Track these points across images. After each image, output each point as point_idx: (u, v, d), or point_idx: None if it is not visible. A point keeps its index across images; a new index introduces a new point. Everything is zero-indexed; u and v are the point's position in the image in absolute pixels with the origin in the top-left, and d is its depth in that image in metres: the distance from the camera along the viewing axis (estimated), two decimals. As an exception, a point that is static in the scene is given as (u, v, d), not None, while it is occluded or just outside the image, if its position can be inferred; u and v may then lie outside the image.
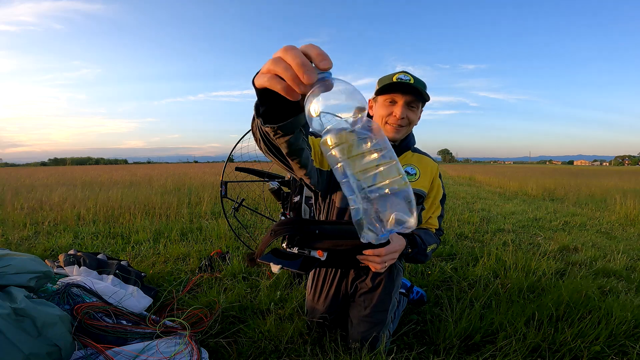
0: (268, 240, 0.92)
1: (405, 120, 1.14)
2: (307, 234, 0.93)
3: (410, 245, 1.07)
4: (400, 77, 1.11)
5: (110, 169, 21.22)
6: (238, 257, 2.20)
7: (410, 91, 1.10)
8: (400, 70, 1.14)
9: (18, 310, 0.91)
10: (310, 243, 0.92)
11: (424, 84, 1.14)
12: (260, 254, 0.93)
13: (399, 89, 1.11)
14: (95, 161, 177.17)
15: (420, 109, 1.18)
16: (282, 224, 0.94)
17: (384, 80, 1.14)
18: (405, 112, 1.12)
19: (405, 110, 1.12)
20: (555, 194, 6.86)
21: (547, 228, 3.60)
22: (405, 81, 1.09)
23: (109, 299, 1.33)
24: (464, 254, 2.44)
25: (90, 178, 9.80)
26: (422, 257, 1.13)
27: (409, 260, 1.14)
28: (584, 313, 1.50)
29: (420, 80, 1.12)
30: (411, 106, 1.13)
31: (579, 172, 19.23)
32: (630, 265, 2.34)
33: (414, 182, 1.20)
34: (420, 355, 1.23)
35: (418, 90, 1.09)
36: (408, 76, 1.11)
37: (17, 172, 17.67)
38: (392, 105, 1.13)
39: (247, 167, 2.22)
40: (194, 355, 1.04)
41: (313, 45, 0.41)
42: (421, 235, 1.13)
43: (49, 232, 3.05)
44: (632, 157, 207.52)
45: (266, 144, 0.68)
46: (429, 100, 1.17)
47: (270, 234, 0.93)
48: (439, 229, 1.28)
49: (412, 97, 1.11)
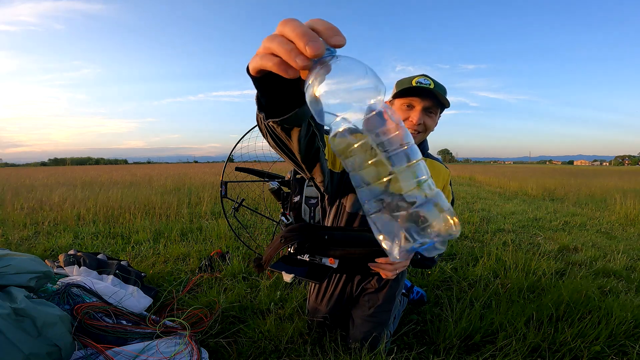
0: (278, 247, 0.90)
1: (422, 127, 1.08)
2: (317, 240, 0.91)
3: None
4: (420, 80, 1.05)
5: (110, 169, 21.23)
6: (238, 257, 2.20)
7: (429, 96, 1.05)
8: (421, 74, 1.09)
9: (18, 310, 0.91)
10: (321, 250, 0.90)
11: (445, 89, 1.09)
12: (269, 260, 0.91)
13: (417, 93, 1.06)
14: (95, 161, 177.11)
15: (438, 115, 1.12)
16: (292, 231, 0.91)
17: (403, 83, 1.09)
18: (423, 118, 1.07)
19: (423, 115, 1.07)
20: (555, 194, 6.86)
21: (547, 228, 3.60)
22: (425, 85, 1.04)
23: (109, 299, 1.33)
24: (464, 254, 2.44)
25: (90, 178, 9.80)
26: (429, 262, 1.12)
27: (416, 265, 1.12)
28: (584, 313, 1.50)
29: (441, 85, 1.07)
30: (429, 112, 1.08)
31: (579, 172, 19.22)
32: (630, 265, 2.34)
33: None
34: (420, 355, 1.24)
35: (437, 95, 1.04)
36: (428, 80, 1.05)
37: (17, 172, 17.68)
38: (409, 109, 1.08)
39: (247, 167, 2.21)
40: (194, 355, 1.04)
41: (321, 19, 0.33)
42: None
43: (49, 232, 3.05)
44: (632, 157, 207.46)
45: (273, 139, 0.61)
46: (449, 106, 1.11)
47: (280, 241, 0.90)
48: None
49: (431, 102, 1.06)
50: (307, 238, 0.90)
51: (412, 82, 1.06)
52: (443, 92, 1.07)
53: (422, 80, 1.05)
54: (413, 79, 1.07)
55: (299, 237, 0.90)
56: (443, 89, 1.08)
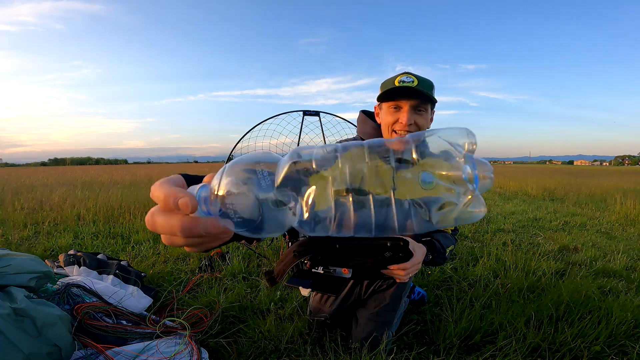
0: (292, 263, 0.88)
1: (413, 127, 1.04)
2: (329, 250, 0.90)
3: (430, 252, 1.03)
4: (402, 79, 1.02)
5: (110, 169, 21.22)
6: (238, 257, 2.20)
7: (414, 95, 1.02)
8: (403, 72, 1.06)
9: (18, 310, 0.91)
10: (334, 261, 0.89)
11: (430, 84, 1.05)
12: (282, 274, 0.90)
13: (401, 94, 1.03)
14: (95, 161, 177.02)
15: (429, 111, 1.08)
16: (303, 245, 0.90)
17: (387, 85, 1.06)
18: (413, 118, 1.03)
19: (412, 115, 1.03)
20: (555, 194, 6.86)
21: (547, 228, 3.60)
22: (408, 84, 1.01)
23: (109, 299, 1.33)
24: (464, 254, 2.44)
25: (90, 178, 9.80)
26: (440, 261, 1.10)
27: (428, 264, 1.10)
28: (584, 313, 1.49)
29: (425, 80, 1.04)
30: (418, 110, 1.04)
31: (579, 172, 19.21)
32: (630, 265, 2.34)
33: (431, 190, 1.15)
34: (420, 355, 1.23)
35: (423, 93, 1.01)
36: (411, 77, 1.02)
37: (17, 172, 17.67)
38: (397, 111, 1.05)
39: (247, 167, 2.21)
40: (194, 355, 1.04)
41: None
42: (440, 239, 1.10)
43: (49, 232, 3.05)
44: (632, 157, 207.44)
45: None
46: (435, 102, 1.08)
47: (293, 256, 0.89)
48: (455, 229, 1.26)
49: (417, 100, 1.02)
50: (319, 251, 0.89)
51: (395, 83, 1.03)
52: (428, 88, 1.03)
53: (404, 79, 1.02)
54: (396, 79, 1.04)
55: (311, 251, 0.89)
56: (428, 84, 1.04)
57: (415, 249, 0.93)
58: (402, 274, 0.89)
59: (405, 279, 0.92)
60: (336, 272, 0.89)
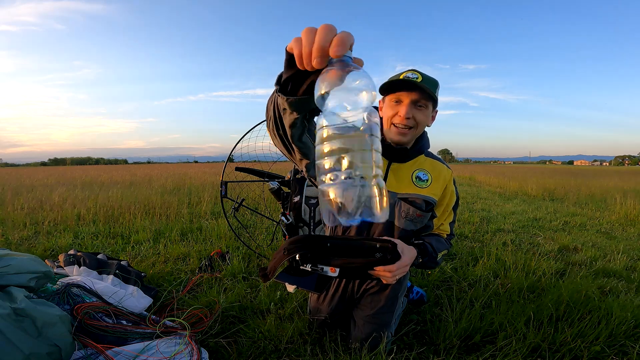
0: (281, 259, 0.90)
1: (411, 121, 1.04)
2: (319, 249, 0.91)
3: (421, 255, 1.03)
4: (407, 75, 1.03)
5: (110, 169, 21.23)
6: (238, 257, 2.20)
7: (416, 89, 1.02)
8: (410, 69, 1.07)
9: (18, 310, 0.91)
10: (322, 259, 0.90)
11: (435, 82, 1.05)
12: (273, 271, 0.92)
13: (403, 87, 1.03)
14: (95, 161, 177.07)
15: (430, 108, 1.08)
16: (294, 242, 0.91)
17: (392, 79, 1.07)
18: (412, 112, 1.03)
19: (411, 109, 1.03)
20: (555, 194, 6.86)
21: (547, 228, 3.60)
22: (412, 79, 1.01)
23: (109, 299, 1.33)
24: (464, 254, 2.44)
25: (90, 178, 9.80)
26: (432, 264, 1.10)
27: (419, 267, 1.11)
28: (584, 313, 1.49)
29: (430, 78, 1.04)
30: (418, 105, 1.04)
31: (579, 172, 19.21)
32: (630, 265, 2.34)
33: (425, 188, 1.13)
34: (420, 355, 1.24)
35: (424, 88, 1.00)
36: (416, 74, 1.03)
37: (17, 172, 17.68)
38: (397, 104, 1.05)
39: (247, 167, 2.21)
40: (194, 355, 1.04)
41: (331, 28, 0.41)
42: (432, 243, 1.10)
43: (49, 232, 3.05)
44: (632, 157, 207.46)
45: (275, 124, 0.70)
46: (436, 100, 1.08)
47: (283, 253, 0.90)
48: (450, 233, 1.24)
49: (419, 95, 1.02)
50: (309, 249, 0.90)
51: (400, 77, 1.04)
52: (431, 85, 1.03)
53: (409, 75, 1.03)
54: (402, 74, 1.05)
55: (301, 249, 0.90)
56: (432, 81, 1.04)
57: (404, 252, 0.93)
58: (389, 275, 0.89)
59: (392, 281, 0.91)
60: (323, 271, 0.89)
